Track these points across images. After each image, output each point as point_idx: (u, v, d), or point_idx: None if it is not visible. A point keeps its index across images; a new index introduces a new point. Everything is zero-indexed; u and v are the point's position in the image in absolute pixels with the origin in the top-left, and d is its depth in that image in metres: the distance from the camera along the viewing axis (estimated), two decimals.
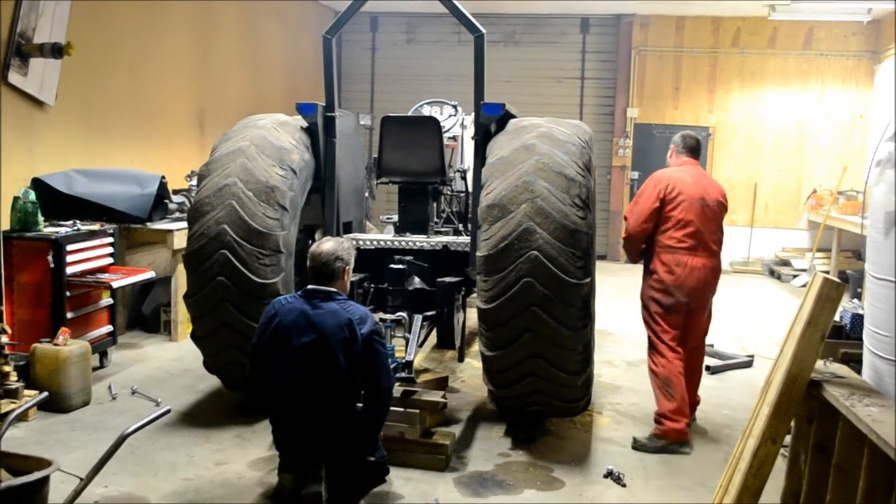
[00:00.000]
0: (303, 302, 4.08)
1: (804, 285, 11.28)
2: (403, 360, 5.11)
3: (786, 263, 13.10)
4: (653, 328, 5.53)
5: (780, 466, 3.55)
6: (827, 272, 10.34)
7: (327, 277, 4.15)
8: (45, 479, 3.33)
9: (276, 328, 4.05)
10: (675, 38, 13.71)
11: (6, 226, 6.12)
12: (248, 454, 5.03)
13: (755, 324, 9.35)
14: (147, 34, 8.53)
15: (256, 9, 11.28)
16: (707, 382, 6.93)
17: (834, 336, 5.70)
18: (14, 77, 6.50)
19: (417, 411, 4.89)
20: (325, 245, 4.21)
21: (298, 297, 4.13)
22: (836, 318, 5.45)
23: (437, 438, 4.96)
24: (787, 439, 3.55)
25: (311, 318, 4.00)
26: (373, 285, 5.93)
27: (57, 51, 6.61)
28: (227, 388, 5.87)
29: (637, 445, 5.37)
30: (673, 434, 5.31)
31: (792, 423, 3.47)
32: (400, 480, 4.69)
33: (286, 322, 4.03)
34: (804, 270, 12.52)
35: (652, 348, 5.55)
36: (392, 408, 4.87)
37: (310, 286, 4.16)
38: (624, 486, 4.77)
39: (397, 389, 4.99)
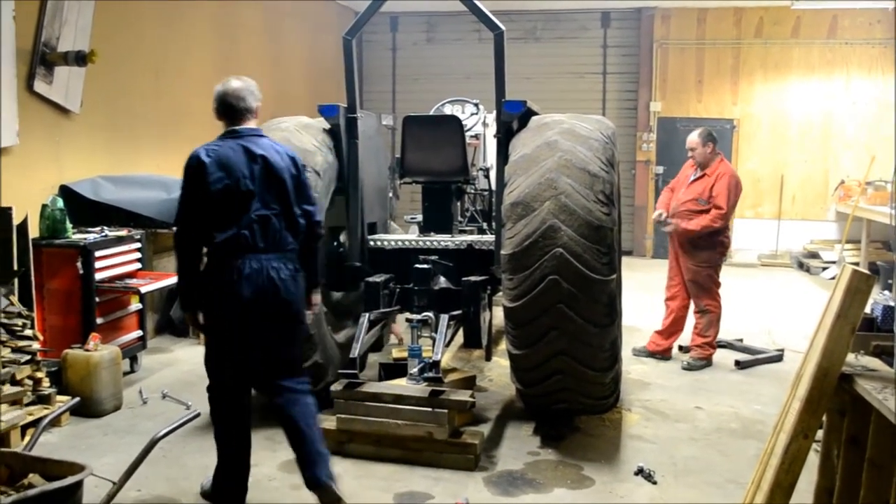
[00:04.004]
0: (236, 142, 4.07)
1: (833, 278, 11.16)
2: (431, 360, 5.11)
3: (814, 256, 12.97)
4: (715, 280, 7.14)
5: (813, 462, 3.51)
6: (856, 264, 10.23)
7: (243, 114, 4.13)
8: (79, 484, 3.36)
9: (221, 169, 4.01)
10: (697, 30, 13.61)
11: (35, 233, 6.18)
12: (278, 456, 5.05)
13: (784, 317, 9.27)
14: (170, 39, 8.59)
15: (278, 11, 11.33)
16: (737, 377, 6.92)
17: (865, 328, 5.66)
18: (40, 86, 6.57)
19: (446, 411, 4.88)
20: (234, 83, 4.17)
21: (228, 139, 4.11)
22: (867, 310, 5.42)
23: (466, 438, 4.96)
24: (820, 434, 3.51)
25: (255, 153, 4.05)
26: (398, 285, 5.94)
27: (81, 59, 6.68)
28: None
29: (686, 367, 7.11)
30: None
31: (824, 418, 3.43)
32: (429, 480, 4.70)
33: (235, 160, 4.03)
34: (833, 262, 12.38)
35: (712, 296, 7.10)
36: (420, 408, 4.89)
37: (233, 127, 4.13)
38: (655, 483, 4.74)
39: (424, 389, 4.99)
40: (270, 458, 5.03)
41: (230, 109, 4.15)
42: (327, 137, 5.83)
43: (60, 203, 6.31)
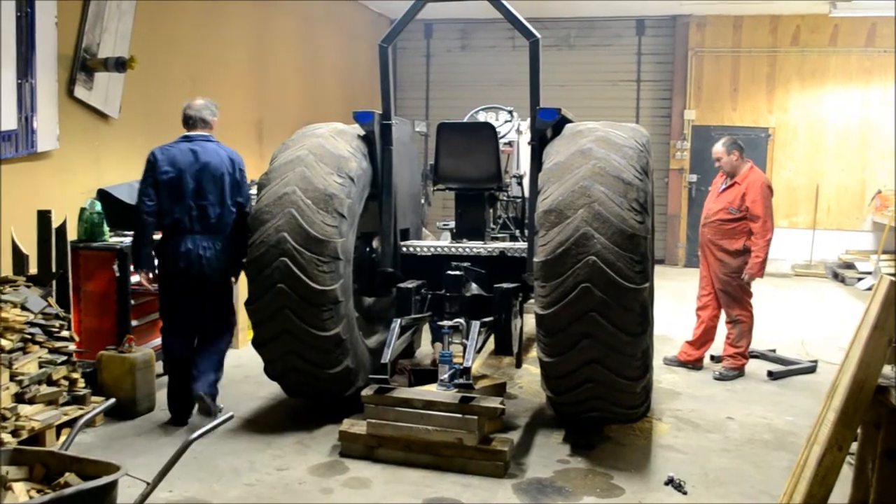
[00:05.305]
0: (187, 145, 5.46)
1: (869, 288, 11.01)
2: (461, 367, 5.12)
3: (850, 266, 12.80)
4: (746, 290, 7.06)
5: (847, 474, 3.47)
6: (893, 275, 10.07)
7: (197, 123, 5.57)
8: (114, 483, 3.40)
9: (169, 164, 5.39)
10: (733, 38, 13.52)
11: (73, 236, 6.28)
12: (309, 460, 5.09)
13: (818, 328, 9.17)
14: (206, 47, 8.70)
15: (313, 18, 11.42)
16: (769, 388, 6.85)
17: None
18: (80, 91, 6.68)
19: (476, 417, 4.88)
20: (198, 100, 5.62)
21: (181, 142, 5.49)
22: None
23: (496, 445, 4.95)
24: (854, 446, 3.47)
25: (199, 155, 5.42)
26: (430, 292, 5.96)
27: (120, 65, 6.78)
28: (287, 394, 5.95)
29: (718, 377, 7.06)
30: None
31: (858, 430, 3.40)
32: (458, 487, 4.70)
33: (180, 159, 5.41)
34: (869, 273, 12.22)
35: (743, 306, 7.07)
36: (450, 414, 4.90)
37: (188, 133, 5.53)
38: (685, 493, 4.70)
39: (455, 395, 5.00)
40: (301, 461, 5.06)
41: (188, 119, 5.60)
42: (362, 144, 5.87)
43: (98, 206, 6.40)
